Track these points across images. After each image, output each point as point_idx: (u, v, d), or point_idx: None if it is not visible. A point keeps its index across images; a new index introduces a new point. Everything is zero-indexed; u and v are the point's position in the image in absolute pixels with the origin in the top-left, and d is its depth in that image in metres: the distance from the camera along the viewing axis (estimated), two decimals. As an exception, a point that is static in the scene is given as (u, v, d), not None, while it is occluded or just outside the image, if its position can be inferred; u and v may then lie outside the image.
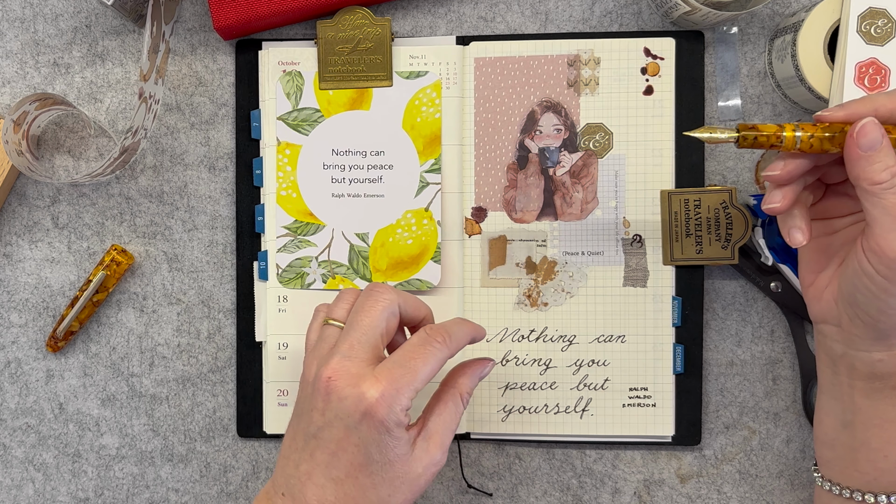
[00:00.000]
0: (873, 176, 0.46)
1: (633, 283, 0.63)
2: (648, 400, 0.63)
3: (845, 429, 0.53)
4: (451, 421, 0.53)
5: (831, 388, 0.53)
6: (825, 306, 0.52)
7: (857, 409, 0.52)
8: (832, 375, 0.53)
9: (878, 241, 0.46)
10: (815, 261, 0.53)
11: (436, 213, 0.63)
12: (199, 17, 0.65)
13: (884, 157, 0.46)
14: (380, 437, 0.49)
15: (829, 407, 0.54)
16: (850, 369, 0.52)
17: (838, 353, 0.52)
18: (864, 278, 0.47)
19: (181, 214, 0.65)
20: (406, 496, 0.51)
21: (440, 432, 0.52)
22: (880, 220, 0.46)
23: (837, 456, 0.53)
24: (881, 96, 0.48)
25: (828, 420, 0.54)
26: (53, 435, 0.66)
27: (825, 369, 0.54)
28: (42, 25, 0.65)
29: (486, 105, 0.63)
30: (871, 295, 0.48)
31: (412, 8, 0.64)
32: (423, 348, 0.51)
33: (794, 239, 0.50)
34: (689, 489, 0.64)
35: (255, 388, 0.65)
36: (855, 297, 0.49)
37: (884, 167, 0.46)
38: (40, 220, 0.65)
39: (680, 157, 0.62)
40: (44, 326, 0.66)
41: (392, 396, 0.49)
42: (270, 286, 0.64)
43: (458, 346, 0.53)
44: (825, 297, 0.52)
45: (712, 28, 0.62)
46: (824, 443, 0.54)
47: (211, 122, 0.65)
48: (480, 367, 0.55)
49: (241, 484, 0.66)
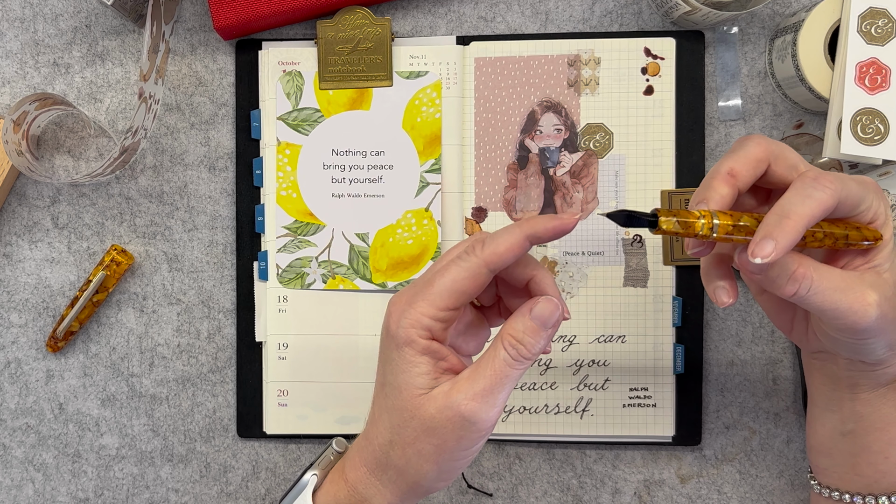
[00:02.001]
0: (783, 291, 0.43)
1: (634, 284, 0.63)
2: (649, 400, 0.63)
3: (844, 437, 0.51)
4: (487, 368, 0.44)
5: (828, 402, 0.52)
6: (815, 343, 0.50)
7: (859, 417, 0.51)
8: (830, 392, 0.52)
9: (834, 326, 0.45)
10: (777, 311, 0.51)
11: (436, 213, 0.63)
12: (199, 17, 0.65)
13: (778, 270, 0.43)
14: (392, 354, 0.45)
15: (824, 418, 0.52)
16: (852, 386, 0.50)
17: (839, 376, 0.50)
18: (841, 343, 0.47)
19: (181, 214, 0.65)
20: (419, 437, 0.45)
21: (471, 378, 0.44)
22: (825, 315, 0.44)
23: (835, 463, 0.52)
24: (732, 163, 0.44)
25: (823, 430, 0.52)
26: (53, 435, 0.66)
27: (821, 386, 0.52)
28: (42, 25, 0.65)
29: (487, 105, 0.63)
30: (854, 348, 0.47)
31: (412, 8, 0.64)
32: (450, 258, 0.44)
33: (720, 299, 0.46)
34: (689, 489, 0.64)
35: (255, 388, 0.65)
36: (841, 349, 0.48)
37: (784, 280, 0.43)
38: (40, 220, 0.65)
39: (680, 157, 0.62)
40: (44, 326, 0.66)
41: (402, 310, 0.44)
42: (270, 286, 0.64)
43: (497, 255, 0.44)
44: (810, 336, 0.50)
45: (712, 28, 0.62)
46: (820, 452, 0.53)
47: (211, 122, 0.65)
48: (530, 305, 0.45)
49: (241, 484, 0.66)
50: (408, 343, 0.44)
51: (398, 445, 0.46)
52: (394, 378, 0.45)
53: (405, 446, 0.46)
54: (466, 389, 0.44)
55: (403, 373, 0.45)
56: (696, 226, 0.43)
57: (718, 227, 0.43)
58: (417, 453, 0.45)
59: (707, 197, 0.44)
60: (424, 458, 0.45)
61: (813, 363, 0.52)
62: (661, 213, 0.43)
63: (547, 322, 0.45)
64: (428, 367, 0.45)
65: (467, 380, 0.44)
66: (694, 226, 0.43)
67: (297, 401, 0.64)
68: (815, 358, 0.52)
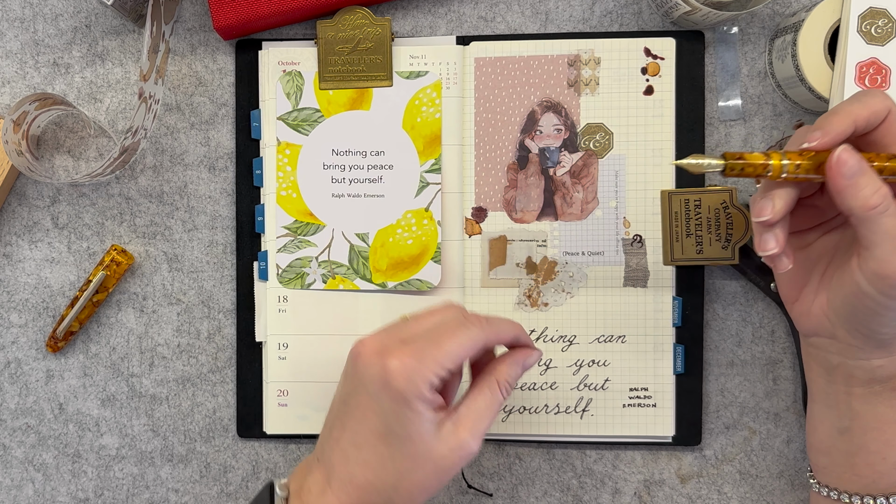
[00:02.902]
0: (865, 202, 0.45)
1: (634, 284, 0.63)
2: (649, 400, 0.63)
3: (842, 435, 0.52)
4: (484, 407, 0.50)
5: (825, 396, 0.52)
6: (815, 321, 0.51)
7: (855, 414, 0.51)
8: (826, 385, 0.52)
9: (879, 264, 0.45)
10: (793, 277, 0.52)
11: (436, 213, 0.63)
12: (199, 17, 0.65)
13: (869, 180, 0.45)
14: (399, 408, 0.48)
15: (823, 415, 0.53)
16: (847, 378, 0.51)
17: (834, 364, 0.51)
18: (864, 299, 0.47)
19: (181, 214, 0.65)
20: (429, 476, 0.49)
21: (470, 417, 0.50)
22: (881, 244, 0.45)
23: (834, 462, 0.53)
24: (854, 105, 0.46)
25: (822, 428, 0.53)
26: (53, 435, 0.66)
27: (817, 379, 0.53)
28: (42, 25, 0.65)
29: (487, 105, 0.63)
30: (871, 312, 0.47)
31: (412, 8, 0.64)
32: (456, 325, 0.50)
33: (781, 266, 0.49)
34: (689, 489, 0.64)
35: (255, 388, 0.65)
36: (854, 314, 0.48)
37: (873, 191, 0.45)
38: (40, 220, 0.65)
39: (680, 156, 0.62)
40: (44, 326, 0.66)
41: (413, 368, 0.48)
42: (270, 286, 0.64)
43: (497, 334, 0.51)
44: (814, 311, 0.51)
45: (712, 28, 0.62)
46: (819, 450, 0.54)
47: (211, 122, 0.65)
48: (523, 356, 0.53)
49: (241, 484, 0.66)
50: (419, 398, 0.48)
51: (403, 489, 0.49)
52: (402, 429, 0.48)
53: (412, 488, 0.49)
54: (471, 428, 0.49)
55: (413, 423, 0.48)
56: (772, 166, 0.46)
57: (788, 166, 0.46)
58: (423, 491, 0.49)
59: (827, 128, 0.46)
60: (427, 493, 0.50)
61: (809, 351, 0.53)
62: (729, 156, 0.46)
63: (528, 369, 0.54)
64: (432, 414, 0.49)
65: (469, 419, 0.50)
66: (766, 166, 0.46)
67: (297, 401, 0.64)
68: (810, 344, 0.52)
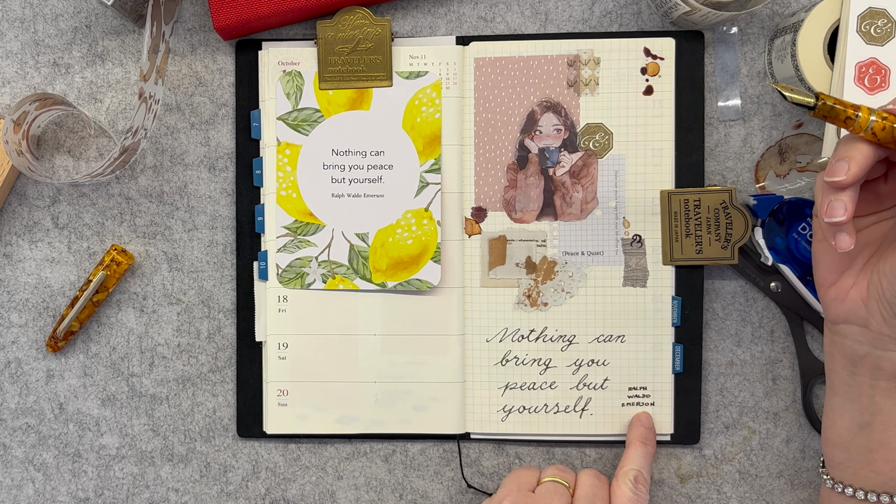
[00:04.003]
0: None
1: (633, 283, 0.63)
2: (648, 399, 0.63)
3: (862, 430, 0.51)
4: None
5: (847, 389, 0.52)
6: (850, 306, 0.50)
7: (878, 409, 0.51)
8: (849, 377, 0.52)
9: None
10: (836, 261, 0.51)
11: (436, 213, 0.63)
12: (199, 17, 0.65)
13: None
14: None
15: (843, 409, 0.52)
16: (873, 370, 0.50)
17: (860, 354, 0.51)
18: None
19: (181, 214, 0.65)
20: None
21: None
22: None
23: (851, 458, 0.52)
24: None
25: (841, 422, 0.52)
26: (53, 435, 0.66)
27: (840, 371, 0.52)
28: (42, 25, 0.65)
29: (486, 105, 0.63)
30: None
31: (412, 8, 0.64)
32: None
33: (842, 243, 0.46)
34: (688, 489, 0.64)
35: (255, 388, 0.65)
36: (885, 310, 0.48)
37: None
38: (40, 220, 0.65)
39: (680, 157, 0.62)
40: (44, 326, 0.66)
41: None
42: (270, 286, 0.64)
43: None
44: (850, 296, 0.50)
45: (712, 28, 0.62)
46: (837, 445, 0.53)
47: (211, 122, 0.65)
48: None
49: (241, 484, 0.66)
50: None
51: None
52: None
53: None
54: None
55: None
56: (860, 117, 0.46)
57: (875, 122, 0.46)
58: None
59: None
60: None
61: (834, 340, 0.52)
62: (822, 96, 0.46)
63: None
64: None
65: None
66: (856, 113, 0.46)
67: (297, 401, 0.64)
68: (836, 332, 0.52)
